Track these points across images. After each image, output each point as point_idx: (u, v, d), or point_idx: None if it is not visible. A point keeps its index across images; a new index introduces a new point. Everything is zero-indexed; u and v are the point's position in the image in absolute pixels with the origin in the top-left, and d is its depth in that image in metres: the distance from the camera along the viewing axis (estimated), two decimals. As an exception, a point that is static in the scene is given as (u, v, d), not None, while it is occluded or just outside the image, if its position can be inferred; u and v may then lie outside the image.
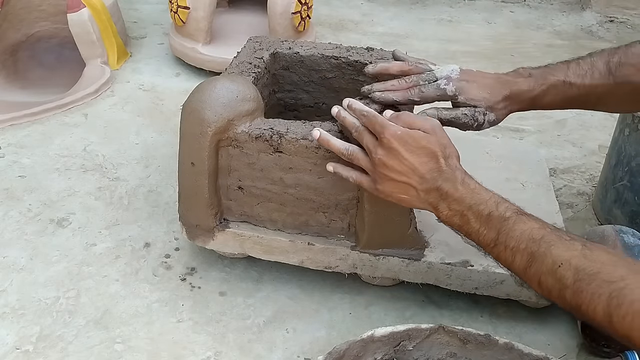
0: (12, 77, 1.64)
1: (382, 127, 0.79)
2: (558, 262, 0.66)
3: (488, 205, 0.75)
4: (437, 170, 0.78)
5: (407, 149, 0.78)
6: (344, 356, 0.76)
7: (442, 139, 0.79)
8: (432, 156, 0.78)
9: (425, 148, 0.78)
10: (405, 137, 0.78)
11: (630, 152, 1.13)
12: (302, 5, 1.64)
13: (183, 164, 0.97)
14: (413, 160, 0.78)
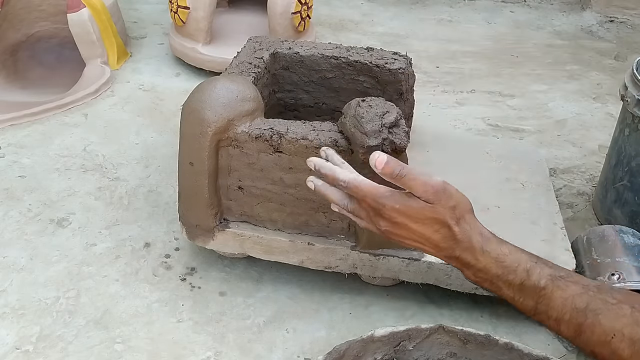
0: (12, 77, 1.64)
1: (376, 203, 0.72)
2: (610, 334, 0.62)
3: (518, 275, 0.69)
4: (452, 239, 0.71)
5: (413, 221, 0.71)
6: (344, 356, 0.76)
7: (448, 201, 0.71)
8: (443, 224, 0.70)
9: (432, 218, 0.70)
10: (407, 210, 0.71)
11: (630, 152, 1.13)
12: (302, 5, 1.64)
13: (183, 164, 0.97)
14: (423, 231, 0.71)
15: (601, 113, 1.62)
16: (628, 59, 1.91)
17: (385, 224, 0.73)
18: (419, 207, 0.70)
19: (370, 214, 0.74)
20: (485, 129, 1.52)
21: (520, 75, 1.79)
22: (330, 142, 0.90)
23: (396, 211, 0.71)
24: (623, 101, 1.13)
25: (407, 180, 0.70)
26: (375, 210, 0.73)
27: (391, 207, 0.71)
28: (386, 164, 0.70)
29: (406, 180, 0.70)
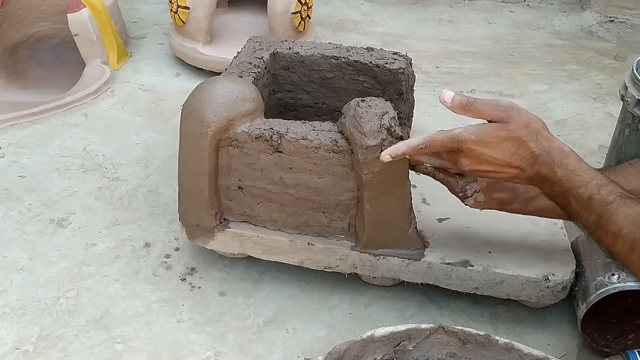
0: (12, 77, 1.64)
1: (453, 141, 0.75)
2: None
3: (589, 188, 0.73)
4: (531, 157, 0.74)
5: (492, 147, 0.73)
6: (344, 356, 0.76)
7: (521, 117, 0.74)
8: (520, 143, 0.73)
9: (508, 139, 0.73)
10: (484, 137, 0.73)
11: (630, 152, 1.13)
12: (302, 5, 1.64)
13: (183, 164, 0.97)
14: (503, 156, 0.74)
15: (601, 113, 1.62)
16: (628, 59, 1.91)
17: (467, 162, 0.75)
18: (494, 130, 0.73)
19: (453, 159, 0.77)
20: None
21: (520, 75, 1.79)
22: (330, 142, 0.90)
23: (473, 142, 0.73)
24: (623, 101, 1.13)
25: (477, 106, 0.74)
26: (455, 152, 0.76)
27: (467, 138, 0.73)
28: (454, 97, 0.75)
29: (476, 106, 0.74)
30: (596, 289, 0.90)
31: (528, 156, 0.74)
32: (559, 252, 0.98)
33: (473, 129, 0.74)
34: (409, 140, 0.79)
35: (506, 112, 0.73)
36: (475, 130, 0.74)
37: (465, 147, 0.74)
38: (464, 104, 0.74)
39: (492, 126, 0.74)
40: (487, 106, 0.74)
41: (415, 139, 0.78)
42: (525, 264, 0.95)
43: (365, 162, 0.87)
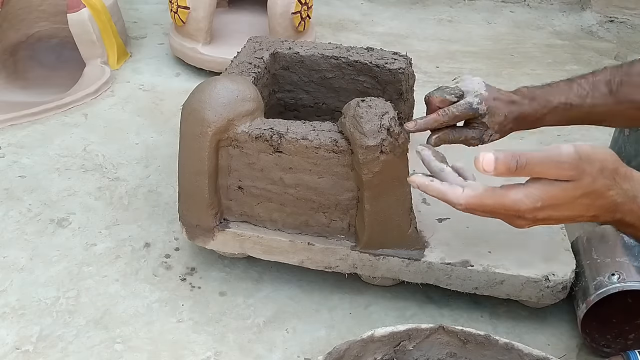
0: (12, 77, 1.64)
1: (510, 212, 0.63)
2: None
3: None
4: (612, 205, 0.62)
5: (563, 210, 0.62)
6: (344, 356, 0.76)
7: (593, 165, 0.60)
8: (598, 195, 0.61)
9: (582, 195, 0.61)
10: (551, 202, 0.61)
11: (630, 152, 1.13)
12: (302, 5, 1.64)
13: (183, 164, 0.97)
14: (576, 213, 0.63)
15: (601, 113, 1.62)
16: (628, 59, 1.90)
17: (527, 223, 0.64)
18: (563, 192, 0.61)
19: (505, 219, 0.65)
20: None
21: (520, 75, 1.78)
22: (330, 142, 0.90)
23: (538, 210, 0.61)
24: (623, 101, 1.12)
25: (533, 168, 0.60)
26: (511, 217, 0.64)
27: (531, 209, 0.61)
28: (497, 162, 0.59)
29: (531, 168, 0.60)
30: (596, 289, 0.90)
31: (607, 205, 0.62)
32: (559, 252, 0.98)
33: (537, 195, 0.61)
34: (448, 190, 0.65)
35: (576, 168, 0.60)
36: (542, 196, 0.61)
37: (526, 216, 0.62)
38: (512, 169, 0.59)
39: (563, 188, 0.60)
40: (547, 166, 0.60)
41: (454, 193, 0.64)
42: (525, 264, 0.95)
43: (365, 162, 0.87)
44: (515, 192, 0.62)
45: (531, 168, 0.60)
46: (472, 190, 0.63)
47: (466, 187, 0.64)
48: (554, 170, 0.60)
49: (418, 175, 0.68)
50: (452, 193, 0.64)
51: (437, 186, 0.66)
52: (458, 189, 0.64)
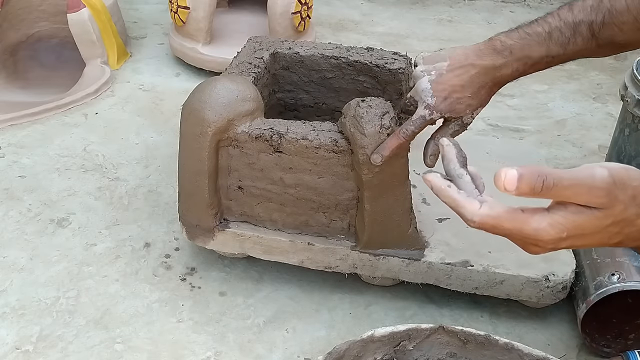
0: (12, 77, 1.64)
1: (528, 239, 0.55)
2: None
3: None
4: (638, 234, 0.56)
5: (589, 238, 0.55)
6: (344, 356, 0.76)
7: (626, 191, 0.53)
8: (627, 223, 0.54)
9: (611, 224, 0.54)
10: (576, 231, 0.54)
11: (630, 152, 1.13)
12: (302, 5, 1.64)
13: (183, 164, 0.97)
14: (601, 241, 0.56)
15: (601, 113, 1.62)
16: (628, 59, 1.90)
17: (543, 251, 0.57)
18: (592, 221, 0.53)
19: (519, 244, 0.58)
20: (485, 129, 1.52)
21: (520, 75, 1.78)
22: (330, 142, 0.90)
23: (561, 240, 0.54)
24: (623, 101, 1.13)
25: (560, 191, 0.52)
26: (527, 244, 0.57)
27: (555, 239, 0.54)
28: (521, 181, 0.52)
29: (559, 191, 0.52)
30: (596, 289, 0.90)
31: (636, 232, 0.56)
32: (559, 252, 0.98)
33: (563, 225, 0.53)
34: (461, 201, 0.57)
35: (609, 194, 0.52)
36: (568, 226, 0.53)
37: (547, 245, 0.56)
38: (537, 190, 0.51)
39: (592, 216, 0.53)
40: (578, 190, 0.52)
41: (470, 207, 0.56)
42: (525, 264, 0.95)
43: (365, 162, 0.87)
44: (538, 220, 0.54)
45: (559, 191, 0.52)
46: (490, 209, 0.55)
47: (484, 204, 0.56)
48: (584, 196, 0.52)
49: (435, 175, 0.59)
50: (468, 207, 0.56)
51: (454, 195, 0.57)
52: (475, 204, 0.56)
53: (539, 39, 0.81)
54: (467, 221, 0.56)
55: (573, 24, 0.79)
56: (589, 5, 0.79)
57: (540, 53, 0.81)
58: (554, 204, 0.54)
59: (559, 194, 0.52)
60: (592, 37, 0.79)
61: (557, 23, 0.80)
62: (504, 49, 0.81)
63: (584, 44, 0.80)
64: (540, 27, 0.81)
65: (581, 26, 0.79)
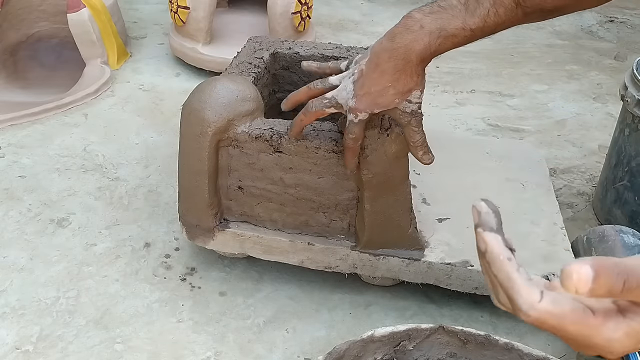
0: (12, 77, 1.64)
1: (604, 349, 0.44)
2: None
3: None
4: None
5: None
6: (344, 356, 0.76)
7: None
8: None
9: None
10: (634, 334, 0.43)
11: (630, 152, 1.13)
12: (302, 5, 1.64)
13: (183, 164, 0.97)
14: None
15: (601, 113, 1.62)
16: (628, 59, 1.91)
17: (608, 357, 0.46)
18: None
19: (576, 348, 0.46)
20: (485, 129, 1.52)
21: (520, 75, 1.79)
22: (330, 142, 0.90)
23: (636, 349, 0.45)
24: (623, 101, 1.13)
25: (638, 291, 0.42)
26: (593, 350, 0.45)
27: (629, 349, 0.44)
28: (597, 281, 0.40)
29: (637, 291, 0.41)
30: (596, 289, 0.90)
31: None
32: (559, 252, 0.98)
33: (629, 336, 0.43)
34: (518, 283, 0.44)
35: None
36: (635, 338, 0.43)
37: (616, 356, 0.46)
38: (617, 291, 0.41)
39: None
40: None
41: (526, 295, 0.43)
42: (525, 264, 0.94)
43: (366, 162, 0.87)
44: (613, 328, 0.43)
45: (636, 291, 0.41)
46: (553, 304, 0.43)
47: (545, 295, 0.43)
48: None
49: (497, 238, 0.48)
50: (525, 295, 0.43)
51: (513, 274, 0.45)
52: (535, 294, 0.43)
53: (453, 12, 0.75)
54: (519, 312, 0.44)
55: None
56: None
57: (455, 25, 0.75)
58: (629, 305, 0.44)
59: (636, 294, 0.42)
60: (517, 5, 0.75)
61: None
62: (413, 24, 0.75)
63: (507, 14, 0.75)
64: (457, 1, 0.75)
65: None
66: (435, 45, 0.75)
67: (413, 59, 0.76)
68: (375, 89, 0.78)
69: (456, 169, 1.13)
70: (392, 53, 0.76)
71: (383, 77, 0.77)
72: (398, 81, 0.77)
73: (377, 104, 0.79)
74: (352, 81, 0.80)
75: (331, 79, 0.85)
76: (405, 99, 0.79)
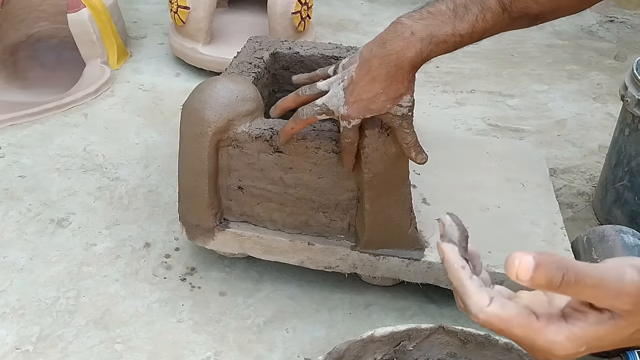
0: (12, 77, 1.64)
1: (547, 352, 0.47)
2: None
3: None
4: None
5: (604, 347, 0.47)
6: (344, 356, 0.76)
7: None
8: None
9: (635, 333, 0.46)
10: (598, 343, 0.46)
11: (630, 152, 1.13)
12: (302, 5, 1.64)
13: (183, 164, 0.97)
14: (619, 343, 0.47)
15: (601, 113, 1.62)
16: (628, 59, 1.91)
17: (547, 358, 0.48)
18: (614, 332, 0.45)
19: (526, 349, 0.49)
20: (485, 129, 1.52)
21: (520, 75, 1.79)
22: (330, 142, 0.90)
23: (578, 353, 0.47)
24: (623, 101, 1.13)
25: (582, 289, 0.44)
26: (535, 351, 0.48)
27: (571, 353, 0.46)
28: (537, 271, 0.42)
29: (580, 288, 0.44)
30: (596, 289, 0.90)
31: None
32: (559, 252, 0.98)
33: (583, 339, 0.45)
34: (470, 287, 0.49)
35: (637, 302, 0.44)
36: (588, 339, 0.45)
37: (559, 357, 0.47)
38: (555, 284, 0.43)
39: (615, 327, 0.45)
40: (602, 291, 0.44)
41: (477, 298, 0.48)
42: (525, 264, 0.95)
43: (366, 162, 0.87)
44: (555, 332, 0.46)
45: (580, 289, 0.44)
46: (500, 308, 0.47)
47: (494, 301, 0.47)
48: (609, 300, 0.44)
49: (453, 249, 0.51)
50: (475, 299, 0.48)
51: (465, 280, 0.49)
52: (484, 298, 0.48)
53: (442, 18, 0.76)
54: (470, 314, 0.48)
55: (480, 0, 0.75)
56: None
57: (445, 31, 0.76)
58: (571, 311, 0.47)
59: (580, 292, 0.44)
60: (504, 11, 0.75)
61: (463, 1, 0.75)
62: (404, 31, 0.76)
63: (494, 20, 0.76)
64: (444, 5, 0.76)
65: (489, 0, 0.75)
66: (427, 51, 0.76)
67: (405, 66, 0.76)
68: (367, 96, 0.78)
69: (456, 168, 1.13)
70: (384, 60, 0.76)
71: (374, 84, 0.78)
72: (390, 87, 0.78)
73: (369, 110, 0.80)
74: (342, 87, 0.80)
75: (319, 84, 0.84)
76: (396, 104, 0.79)
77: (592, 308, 0.46)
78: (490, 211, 1.05)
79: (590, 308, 0.46)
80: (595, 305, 0.45)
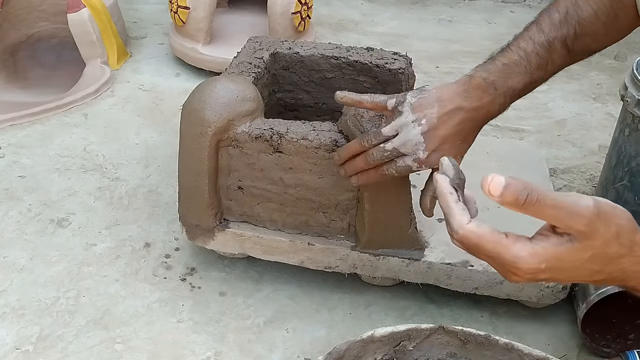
0: (12, 77, 1.64)
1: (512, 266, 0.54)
2: None
3: None
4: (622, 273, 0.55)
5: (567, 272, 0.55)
6: (344, 356, 0.76)
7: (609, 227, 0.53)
8: (608, 261, 0.54)
9: (593, 258, 0.53)
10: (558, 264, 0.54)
11: (630, 152, 1.13)
12: (302, 5, 1.64)
13: (183, 164, 0.97)
14: (581, 277, 0.55)
15: (601, 113, 1.62)
16: (628, 59, 1.91)
17: (522, 280, 0.56)
18: (570, 254, 0.53)
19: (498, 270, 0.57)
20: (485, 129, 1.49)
21: (520, 75, 1.78)
22: (330, 142, 0.90)
23: (541, 272, 0.54)
24: (623, 101, 1.13)
25: (542, 209, 0.51)
26: (506, 271, 0.56)
27: (533, 269, 0.53)
28: (506, 189, 0.50)
29: (541, 208, 0.51)
30: (596, 289, 0.90)
31: (618, 272, 0.55)
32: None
33: (543, 256, 0.53)
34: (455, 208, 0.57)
35: (590, 224, 0.51)
36: (547, 257, 0.53)
37: (523, 275, 0.55)
38: (520, 202, 0.51)
39: (571, 248, 0.53)
40: (560, 212, 0.52)
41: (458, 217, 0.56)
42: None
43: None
44: (519, 248, 0.54)
45: (541, 208, 0.51)
46: (476, 226, 0.55)
47: (473, 220, 0.55)
48: (565, 220, 0.52)
49: (445, 179, 0.58)
50: (458, 218, 0.55)
51: (451, 203, 0.56)
52: (465, 217, 0.55)
53: (519, 69, 0.78)
54: (452, 232, 0.56)
55: (547, 44, 0.78)
56: (557, 20, 0.79)
57: (524, 82, 0.79)
58: (537, 235, 0.55)
59: (541, 211, 0.52)
60: (568, 52, 0.79)
61: (532, 47, 0.79)
62: (488, 86, 0.78)
63: (561, 60, 0.79)
64: (516, 55, 0.79)
65: (555, 44, 0.78)
66: (509, 103, 0.79)
67: (485, 120, 0.80)
68: (447, 147, 0.79)
69: (456, 169, 1.13)
70: (472, 114, 0.78)
71: (457, 137, 0.79)
72: (467, 140, 0.81)
73: None
74: (420, 132, 0.77)
75: (385, 131, 0.79)
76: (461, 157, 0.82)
77: (554, 233, 0.54)
78: (490, 211, 1.04)
79: (553, 233, 0.54)
80: (557, 230, 0.53)
